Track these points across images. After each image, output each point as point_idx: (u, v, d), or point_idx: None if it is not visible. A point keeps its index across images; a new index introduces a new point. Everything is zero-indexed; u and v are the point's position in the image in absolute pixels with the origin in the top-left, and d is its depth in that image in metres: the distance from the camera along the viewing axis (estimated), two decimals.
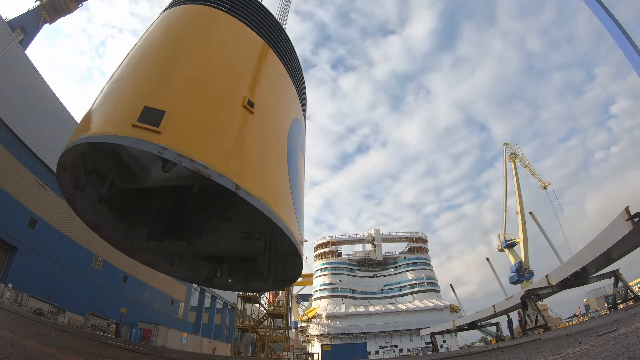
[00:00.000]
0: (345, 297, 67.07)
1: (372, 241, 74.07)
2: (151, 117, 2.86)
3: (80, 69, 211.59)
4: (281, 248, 4.71)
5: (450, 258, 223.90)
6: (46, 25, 36.44)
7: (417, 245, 74.55)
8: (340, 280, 69.39)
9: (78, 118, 28.03)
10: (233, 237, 4.74)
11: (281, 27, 4.72)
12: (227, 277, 5.61)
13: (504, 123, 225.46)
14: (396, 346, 58.60)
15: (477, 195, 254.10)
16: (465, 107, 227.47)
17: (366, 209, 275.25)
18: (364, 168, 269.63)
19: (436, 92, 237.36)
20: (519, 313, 18.27)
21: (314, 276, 73.53)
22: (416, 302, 63.26)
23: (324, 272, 71.15)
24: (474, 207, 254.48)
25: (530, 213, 49.77)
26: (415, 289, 67.12)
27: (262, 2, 4.61)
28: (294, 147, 4.52)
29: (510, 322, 22.80)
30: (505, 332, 25.15)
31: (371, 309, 62.63)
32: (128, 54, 3.95)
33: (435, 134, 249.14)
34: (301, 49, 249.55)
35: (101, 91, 3.59)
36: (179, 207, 4.46)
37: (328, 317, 61.21)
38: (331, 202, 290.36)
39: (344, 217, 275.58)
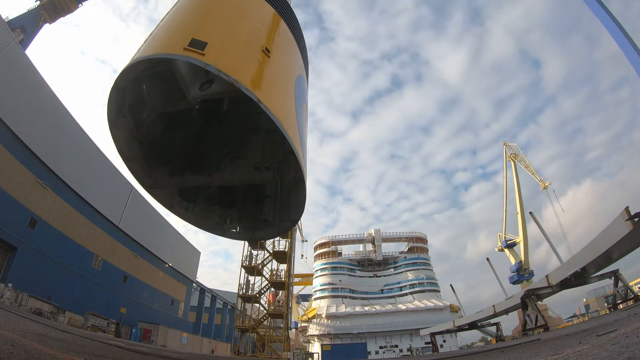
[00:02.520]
0: (345, 297, 67.04)
1: (372, 241, 74.02)
2: (197, 45, 3.78)
3: None
4: (288, 175, 5.41)
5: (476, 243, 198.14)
6: (46, 25, 36.46)
7: (417, 245, 74.46)
8: (340, 280, 69.34)
9: (78, 118, 28.08)
10: (246, 169, 5.57)
11: (289, 4, 5.91)
12: (236, 224, 6.19)
13: (558, 60, 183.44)
14: (396, 346, 58.57)
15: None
16: (518, 37, 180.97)
17: (389, 174, 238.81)
18: (393, 115, 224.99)
19: (486, 13, 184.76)
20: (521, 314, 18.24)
21: (314, 276, 73.47)
22: (416, 302, 63.22)
23: (324, 272, 71.10)
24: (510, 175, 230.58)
25: (531, 213, 49.73)
26: (415, 289, 67.03)
27: None
28: (300, 96, 5.39)
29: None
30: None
31: (371, 309, 62.62)
32: (175, 5, 5.14)
33: (482, 69, 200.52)
34: None
35: (151, 33, 4.60)
36: (201, 143, 5.33)
37: (328, 317, 61.15)
38: (348, 165, 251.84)
39: (362, 187, 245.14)
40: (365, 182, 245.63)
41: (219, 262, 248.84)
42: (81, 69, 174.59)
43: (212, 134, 5.27)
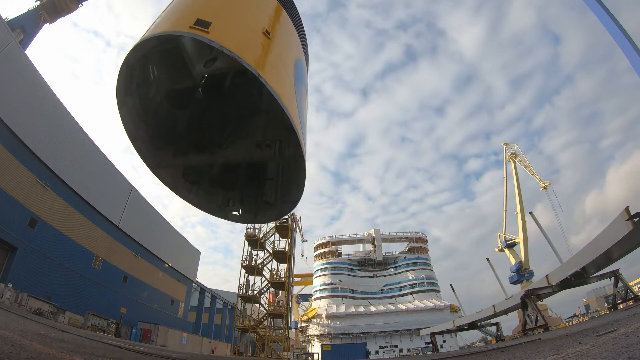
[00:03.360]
0: (345, 297, 67.02)
1: (372, 241, 74.03)
2: (202, 24, 4.05)
3: None
4: (288, 153, 5.56)
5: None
6: (46, 25, 36.46)
7: (417, 245, 74.47)
8: (340, 280, 69.32)
9: (78, 118, 28.06)
10: (247, 148, 5.79)
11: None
12: (239, 207, 6.35)
13: (578, 36, 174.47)
14: (396, 346, 58.58)
15: (530, 147, 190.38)
16: (539, 8, 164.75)
17: (398, 160, 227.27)
18: (405, 92, 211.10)
19: None
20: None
21: (314, 276, 73.45)
22: (416, 302, 63.22)
23: (324, 272, 71.09)
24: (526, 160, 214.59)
25: (530, 213, 49.76)
26: (415, 289, 67.02)
27: None
28: (299, 79, 5.60)
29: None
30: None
31: (371, 309, 62.61)
32: None
33: (500, 42, 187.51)
34: None
35: (159, 16, 4.86)
36: (204, 124, 5.60)
37: (328, 317, 61.15)
38: (356, 150, 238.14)
39: (369, 175, 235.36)
40: (373, 169, 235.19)
41: (219, 258, 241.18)
42: (73, 43, 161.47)
43: (214, 114, 5.53)
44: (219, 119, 5.57)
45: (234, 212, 6.30)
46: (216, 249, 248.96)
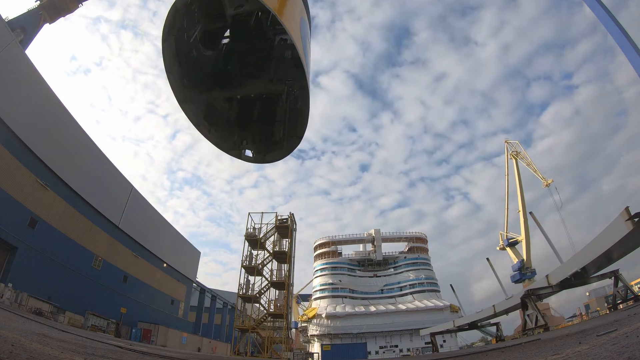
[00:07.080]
0: (345, 297, 67.03)
1: (372, 241, 74.02)
2: None
3: None
4: (295, 87, 6.52)
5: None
6: (46, 25, 36.43)
7: (417, 245, 74.48)
8: (340, 280, 69.34)
9: (78, 117, 28.03)
10: (260, 86, 6.75)
11: None
12: (251, 146, 7.16)
13: None
14: (396, 346, 58.58)
15: (602, 72, 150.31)
16: None
17: (451, 74, 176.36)
18: None
19: None
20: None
21: (314, 276, 73.50)
22: (416, 302, 63.23)
23: (324, 272, 71.09)
24: (594, 90, 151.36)
25: (531, 213, 49.68)
26: (415, 289, 67.06)
27: None
28: (303, 32, 6.44)
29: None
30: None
31: (371, 309, 62.60)
32: None
33: None
34: None
35: None
36: (227, 64, 6.59)
37: (328, 317, 61.15)
38: (398, 57, 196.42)
39: (412, 100, 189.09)
40: (417, 90, 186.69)
41: (218, 235, 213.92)
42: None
43: (235, 56, 6.65)
44: (239, 60, 6.61)
45: (246, 153, 7.10)
46: (213, 220, 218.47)
